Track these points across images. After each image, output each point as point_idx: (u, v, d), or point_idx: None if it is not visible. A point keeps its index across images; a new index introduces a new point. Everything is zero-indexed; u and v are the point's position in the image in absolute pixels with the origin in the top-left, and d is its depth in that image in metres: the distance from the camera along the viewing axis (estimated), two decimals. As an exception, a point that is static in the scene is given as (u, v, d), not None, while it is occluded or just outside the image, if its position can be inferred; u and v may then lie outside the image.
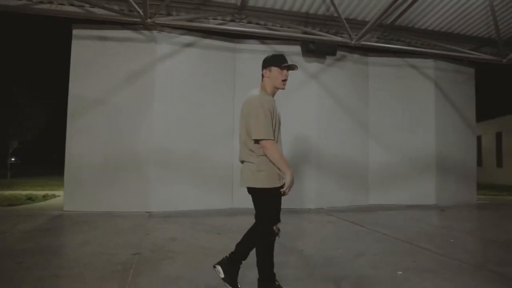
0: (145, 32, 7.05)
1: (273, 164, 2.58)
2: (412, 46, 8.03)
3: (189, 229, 5.36)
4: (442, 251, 4.15)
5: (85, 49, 6.92)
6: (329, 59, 7.97)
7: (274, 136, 2.62)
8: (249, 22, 7.29)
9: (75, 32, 6.93)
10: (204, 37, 7.48)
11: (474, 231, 5.45)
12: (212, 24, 7.11)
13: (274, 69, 2.72)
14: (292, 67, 2.74)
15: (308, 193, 7.60)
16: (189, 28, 7.27)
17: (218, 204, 7.33)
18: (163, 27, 6.97)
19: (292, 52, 7.72)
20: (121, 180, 6.82)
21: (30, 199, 8.42)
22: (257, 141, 2.60)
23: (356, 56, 8.38)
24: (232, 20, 7.33)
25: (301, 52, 7.70)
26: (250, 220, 2.77)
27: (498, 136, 17.90)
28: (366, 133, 8.42)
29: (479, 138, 19.11)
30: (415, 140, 8.44)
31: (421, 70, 8.63)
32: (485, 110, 17.37)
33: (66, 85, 6.86)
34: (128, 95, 6.95)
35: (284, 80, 2.73)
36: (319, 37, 6.87)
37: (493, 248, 4.52)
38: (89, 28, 6.98)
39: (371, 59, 8.56)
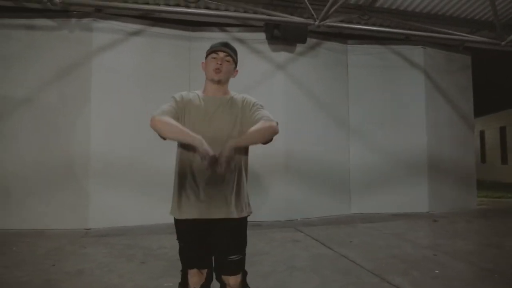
0: (83, 20, 6.04)
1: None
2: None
3: (114, 254, 4.36)
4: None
5: (9, 42, 5.94)
6: (300, 47, 6.90)
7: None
8: (206, 7, 6.26)
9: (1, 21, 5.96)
10: (153, 25, 6.46)
11: (468, 254, 4.34)
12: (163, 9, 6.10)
13: (207, 60, 2.15)
14: (217, 49, 2.12)
15: (276, 203, 6.55)
16: (135, 16, 6.30)
17: (167, 218, 6.29)
18: (99, 12, 5.97)
19: (257, 40, 6.70)
20: (55, 192, 5.82)
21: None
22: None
23: (333, 43, 7.31)
24: (186, 6, 6.31)
25: (265, 40, 6.65)
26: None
27: (502, 131, 16.69)
28: (346, 131, 7.36)
29: (482, 133, 17.93)
30: (403, 138, 7.35)
31: (409, 58, 7.54)
32: (488, 103, 16.22)
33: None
34: (61, 93, 5.96)
35: (217, 69, 2.08)
36: (276, 17, 5.79)
37: (491, 284, 3.43)
38: (14, 17, 5.99)
39: (351, 47, 7.48)
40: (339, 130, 7.28)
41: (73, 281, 3.46)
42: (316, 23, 5.59)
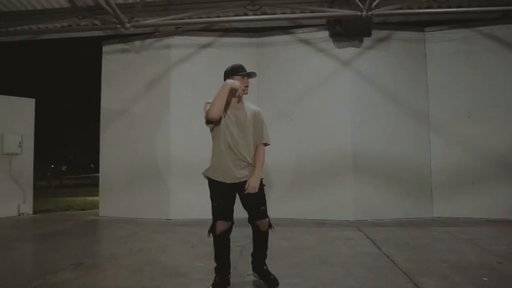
0: (164, 39, 7.00)
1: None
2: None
3: (174, 239, 4.99)
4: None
5: (110, 63, 7.27)
6: (368, 41, 6.63)
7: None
8: (263, 13, 6.58)
9: (105, 48, 7.35)
10: (222, 36, 7.06)
11: None
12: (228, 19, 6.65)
13: (236, 78, 2.87)
14: (250, 75, 2.93)
15: (344, 204, 6.39)
16: (205, 29, 7.00)
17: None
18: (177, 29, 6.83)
19: (321, 39, 6.71)
20: (144, 188, 6.85)
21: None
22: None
23: (406, 33, 6.79)
24: (245, 14, 6.73)
25: (329, 37, 6.59)
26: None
27: None
28: (425, 127, 6.72)
29: None
30: (495, 132, 6.35)
31: (504, 39, 6.50)
32: None
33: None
34: (147, 105, 7.01)
35: (246, 87, 2.92)
36: (328, 13, 5.70)
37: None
38: (112, 43, 7.30)
39: (429, 34, 6.83)
40: (417, 126, 6.70)
41: (132, 256, 4.12)
42: (364, 13, 5.33)
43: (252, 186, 2.78)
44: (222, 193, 2.84)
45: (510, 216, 6.10)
